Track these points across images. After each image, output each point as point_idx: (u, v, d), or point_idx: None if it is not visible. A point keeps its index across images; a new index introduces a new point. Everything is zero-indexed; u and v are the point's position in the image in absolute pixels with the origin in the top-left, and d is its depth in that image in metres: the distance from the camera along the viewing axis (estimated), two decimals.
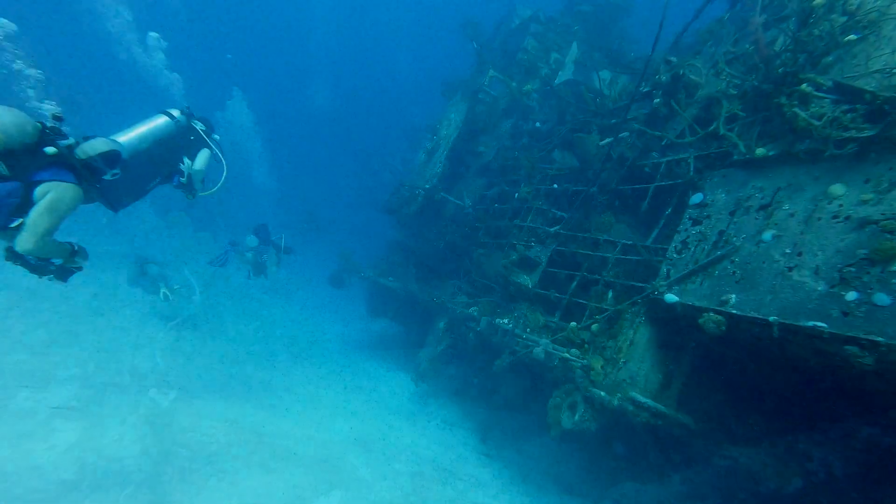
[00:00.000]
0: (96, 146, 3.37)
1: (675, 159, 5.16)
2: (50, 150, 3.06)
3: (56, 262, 3.33)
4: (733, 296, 3.75)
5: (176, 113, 4.48)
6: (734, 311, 3.61)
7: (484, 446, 7.52)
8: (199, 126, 4.73)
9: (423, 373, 8.58)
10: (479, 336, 7.05)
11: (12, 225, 2.99)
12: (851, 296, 2.94)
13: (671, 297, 4.26)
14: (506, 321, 6.49)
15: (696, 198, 4.58)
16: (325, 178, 50.90)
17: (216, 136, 4.96)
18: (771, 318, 3.32)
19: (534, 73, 10.77)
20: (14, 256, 3.14)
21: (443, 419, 8.34)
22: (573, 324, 5.32)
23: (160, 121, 4.32)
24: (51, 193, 3.01)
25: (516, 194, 7.77)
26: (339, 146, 56.80)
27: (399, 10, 44.84)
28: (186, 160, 4.53)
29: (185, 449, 4.93)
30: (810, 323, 3.04)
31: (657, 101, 5.40)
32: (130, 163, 3.80)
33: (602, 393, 4.45)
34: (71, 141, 3.32)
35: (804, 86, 3.54)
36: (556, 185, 7.15)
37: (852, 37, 3.44)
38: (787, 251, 3.51)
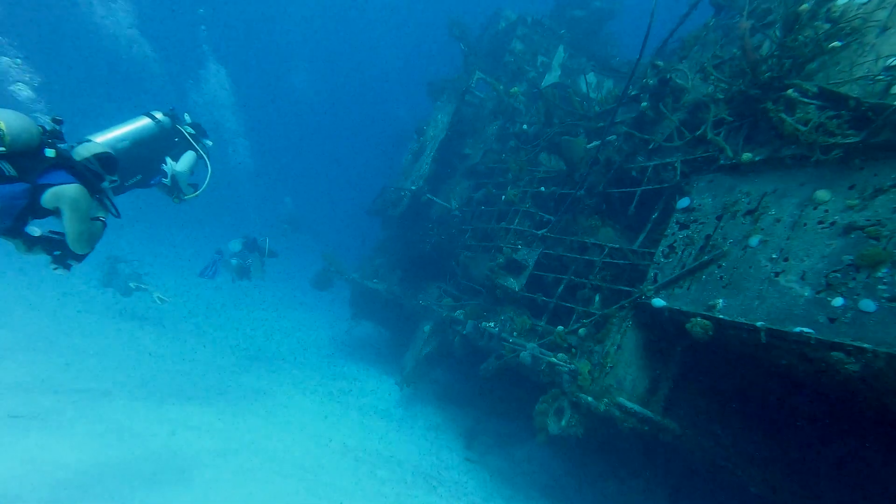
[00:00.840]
0: (90, 148, 3.47)
1: (662, 163, 5.17)
2: (50, 152, 3.10)
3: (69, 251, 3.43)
4: (720, 301, 3.74)
5: (159, 115, 4.53)
6: (721, 317, 3.59)
7: (469, 451, 7.44)
8: (187, 129, 4.76)
9: (408, 377, 8.45)
10: (465, 340, 6.96)
11: (32, 234, 3.09)
12: (838, 302, 2.94)
13: (658, 302, 4.24)
14: (492, 325, 6.42)
15: (683, 202, 4.58)
16: (307, 177, 50.36)
17: (208, 142, 4.98)
18: (758, 324, 3.31)
19: (520, 76, 10.78)
20: (33, 244, 3.23)
21: (427, 424, 8.22)
22: (560, 328, 5.27)
23: (141, 122, 4.37)
24: (66, 204, 3.08)
25: (503, 197, 7.71)
26: (322, 144, 56.24)
27: (384, 8, 44.52)
28: (169, 161, 4.51)
29: (155, 459, 4.71)
30: (797, 329, 3.03)
31: (644, 104, 5.40)
32: None
33: (589, 398, 4.40)
34: (68, 145, 3.39)
35: (790, 91, 3.56)
36: (543, 188, 7.12)
37: (836, 44, 3.47)
38: (774, 256, 3.51)
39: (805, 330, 2.98)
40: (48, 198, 3.04)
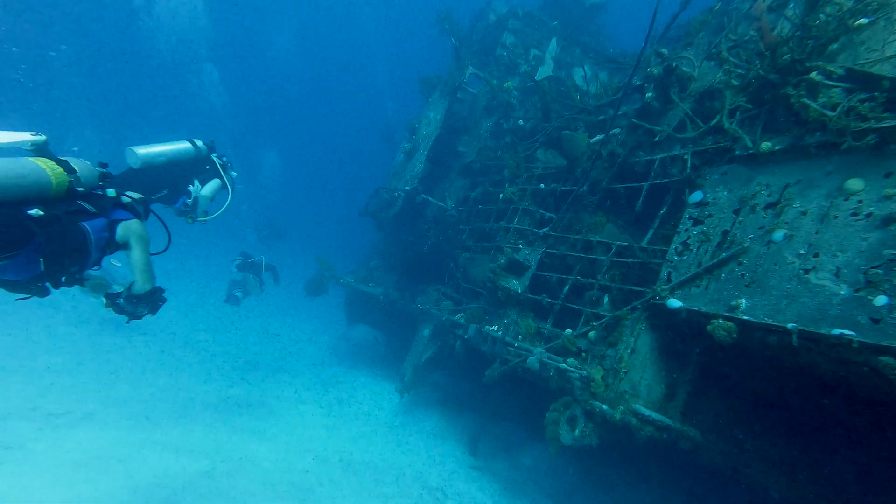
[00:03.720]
0: (131, 193, 3.72)
1: (670, 156, 4.92)
2: (111, 192, 3.36)
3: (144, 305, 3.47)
4: (744, 300, 3.49)
5: (199, 143, 4.90)
6: (747, 318, 3.35)
7: (474, 459, 7.17)
8: (217, 160, 5.04)
9: (408, 383, 8.15)
10: (467, 344, 6.68)
11: (95, 271, 3.26)
12: (881, 300, 2.70)
13: (674, 303, 3.98)
14: (495, 328, 6.14)
15: (696, 196, 4.33)
16: (299, 180, 49.56)
17: (233, 173, 5.30)
18: (789, 326, 3.07)
19: (513, 70, 10.49)
20: (114, 304, 3.33)
21: (430, 431, 7.94)
22: (568, 331, 5.01)
23: (182, 145, 4.69)
24: (133, 236, 3.30)
25: (501, 195, 7.43)
26: (312, 145, 55.41)
27: (373, 3, 43.65)
28: (196, 183, 4.74)
29: (140, 489, 4.37)
30: (836, 331, 2.79)
31: (649, 94, 5.14)
32: (142, 172, 4.17)
33: (604, 406, 4.14)
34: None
35: (814, 74, 3.31)
36: (542, 185, 6.84)
37: (863, 20, 3.23)
38: (802, 252, 3.26)
39: (846, 332, 2.74)
40: (121, 232, 3.26)
